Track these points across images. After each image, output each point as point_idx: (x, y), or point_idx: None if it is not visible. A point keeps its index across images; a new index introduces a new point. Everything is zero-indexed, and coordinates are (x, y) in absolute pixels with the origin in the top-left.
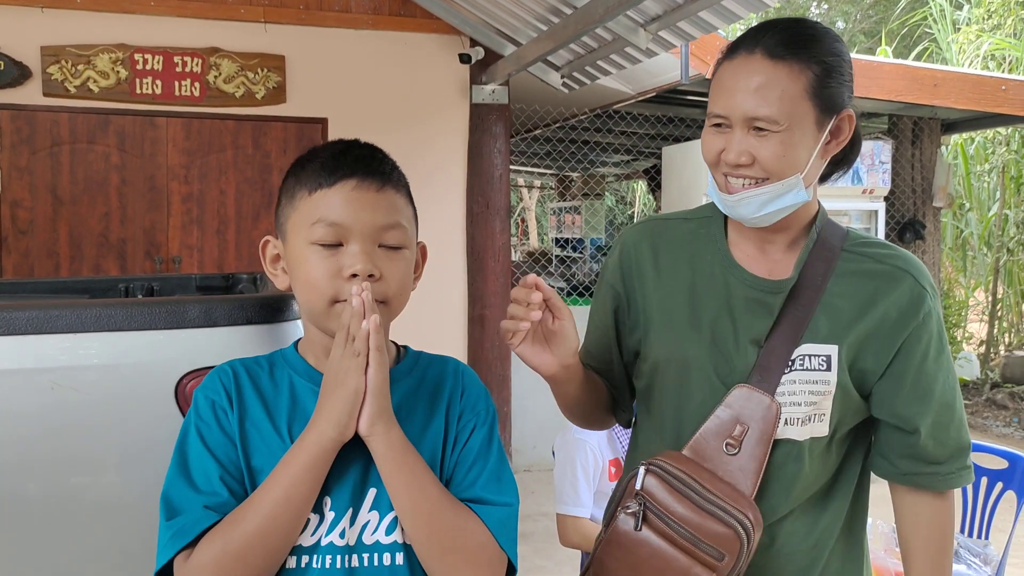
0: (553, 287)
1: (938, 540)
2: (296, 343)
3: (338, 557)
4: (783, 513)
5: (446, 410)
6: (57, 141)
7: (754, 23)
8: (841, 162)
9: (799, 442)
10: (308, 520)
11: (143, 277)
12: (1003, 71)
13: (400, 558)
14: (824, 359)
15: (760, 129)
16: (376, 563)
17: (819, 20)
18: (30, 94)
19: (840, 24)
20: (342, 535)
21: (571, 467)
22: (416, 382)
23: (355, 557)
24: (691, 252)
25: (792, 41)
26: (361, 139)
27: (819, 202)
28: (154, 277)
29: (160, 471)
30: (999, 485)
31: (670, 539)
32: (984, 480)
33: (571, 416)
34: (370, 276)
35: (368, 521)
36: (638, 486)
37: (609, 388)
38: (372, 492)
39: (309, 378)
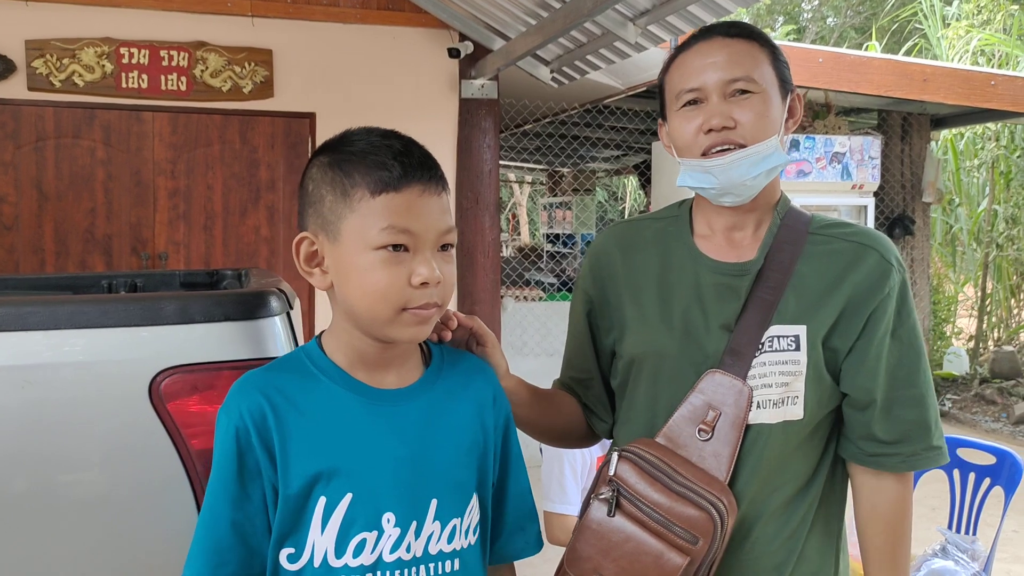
0: (543, 282)
1: (897, 525)
2: (318, 339)
3: (404, 570)
4: (759, 499)
5: (482, 416)
6: (42, 136)
7: (743, 18)
8: None
9: (772, 425)
10: (364, 539)
11: (127, 273)
12: (993, 66)
13: (457, 564)
14: (793, 339)
15: (741, 92)
16: (438, 572)
17: (810, 15)
18: (14, 88)
19: (831, 19)
20: (408, 549)
21: (558, 464)
22: (449, 383)
23: (420, 568)
24: (660, 249)
25: (742, 27)
26: (399, 131)
27: (782, 190)
28: (138, 273)
29: (133, 469)
30: (987, 481)
31: (643, 524)
32: (972, 476)
33: (542, 439)
34: (437, 283)
35: (432, 532)
36: (611, 472)
37: (584, 405)
38: (434, 502)
39: (350, 387)
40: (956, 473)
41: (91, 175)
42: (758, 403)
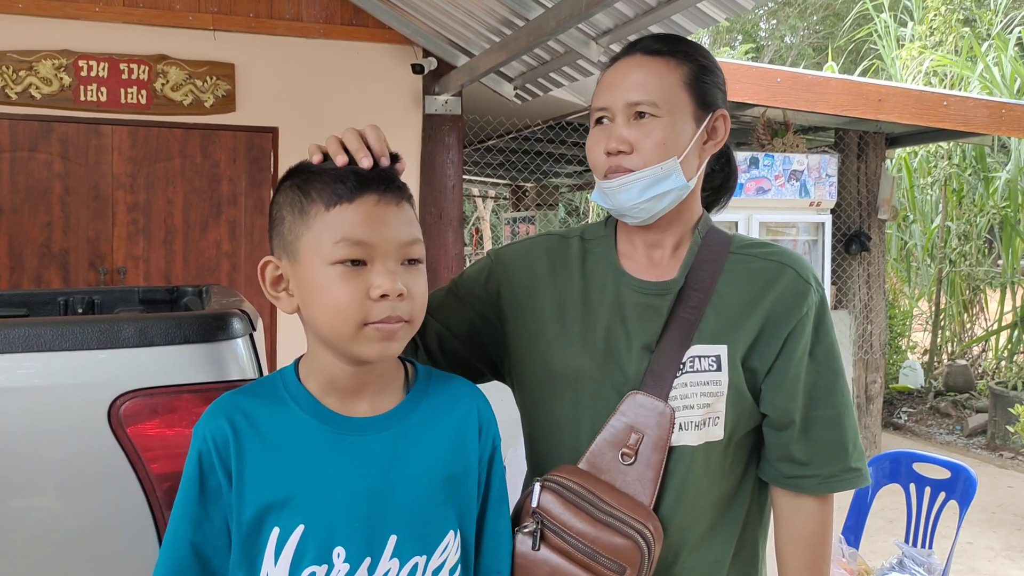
0: None
1: (817, 547)
2: (296, 363)
3: None
4: (685, 523)
5: (464, 447)
6: None
7: (704, 39)
8: (721, 188)
9: (695, 447)
10: (314, 573)
11: (84, 290)
12: (945, 87)
13: None
14: (714, 359)
15: (641, 115)
16: None
17: (768, 35)
18: None
19: (788, 39)
20: None
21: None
22: (430, 411)
23: None
24: (585, 268)
25: (668, 40)
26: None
27: (703, 209)
28: (95, 290)
29: (92, 495)
30: (942, 495)
31: (569, 556)
32: (928, 490)
33: None
34: (399, 296)
35: (389, 570)
36: (534, 504)
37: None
38: (393, 538)
39: (317, 415)
40: (912, 487)
41: (48, 189)
42: (680, 424)
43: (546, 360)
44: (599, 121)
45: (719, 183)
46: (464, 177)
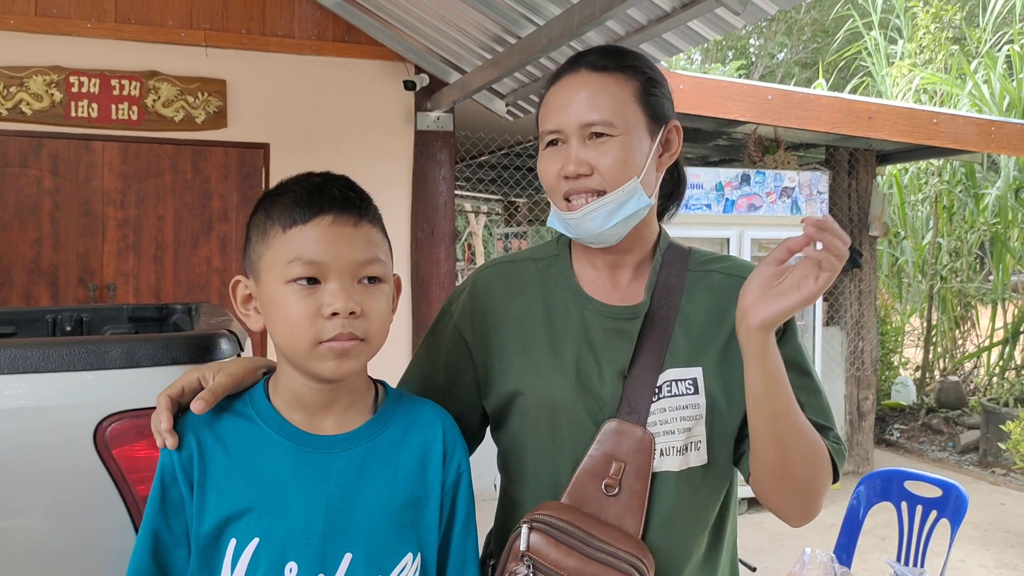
0: None
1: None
2: (266, 381)
3: None
4: (673, 551)
5: (425, 471)
6: None
7: (695, 57)
8: (671, 196)
9: (678, 473)
10: None
11: (72, 308)
12: (935, 104)
13: None
14: (691, 383)
15: (597, 135)
16: None
17: (757, 52)
18: None
19: (779, 56)
20: None
21: None
22: (397, 432)
23: None
24: (543, 292)
25: (613, 55)
26: (333, 171)
27: (661, 226)
28: (84, 308)
29: (77, 517)
30: (934, 513)
31: None
32: (919, 508)
33: None
34: (351, 313)
35: None
36: (523, 547)
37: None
38: (348, 557)
39: (281, 431)
40: (904, 506)
41: (37, 205)
42: (661, 450)
43: (517, 394)
44: (551, 144)
45: (669, 190)
46: (456, 193)
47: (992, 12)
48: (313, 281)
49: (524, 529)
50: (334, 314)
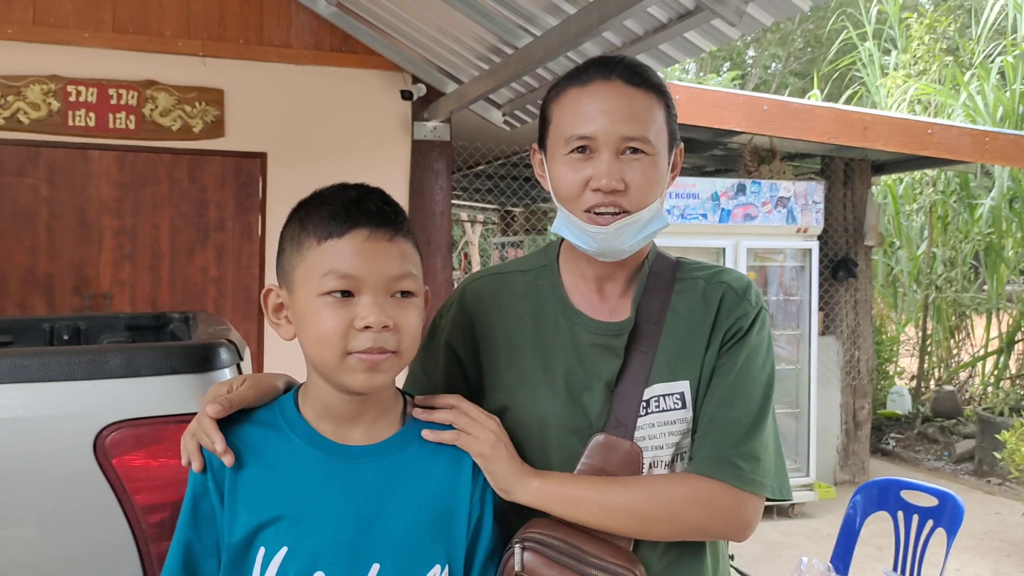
0: None
1: (635, 503)
2: (296, 391)
3: None
4: (665, 563)
5: (457, 483)
6: None
7: (690, 67)
8: None
9: None
10: None
11: (69, 317)
12: (929, 115)
13: None
14: (678, 397)
15: (634, 151)
16: None
17: (752, 62)
18: None
19: (774, 66)
20: None
21: None
22: (429, 444)
23: None
24: (533, 305)
25: (643, 71)
26: (368, 183)
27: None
28: (81, 317)
29: (77, 526)
30: (930, 522)
31: None
32: (915, 518)
33: None
34: (384, 327)
35: None
36: (517, 567)
37: None
38: (376, 567)
39: (311, 441)
40: (900, 515)
41: (34, 214)
42: (650, 463)
43: (507, 409)
44: (578, 150)
45: None
46: (453, 202)
47: (985, 23)
48: (347, 294)
49: (517, 549)
50: (366, 327)
